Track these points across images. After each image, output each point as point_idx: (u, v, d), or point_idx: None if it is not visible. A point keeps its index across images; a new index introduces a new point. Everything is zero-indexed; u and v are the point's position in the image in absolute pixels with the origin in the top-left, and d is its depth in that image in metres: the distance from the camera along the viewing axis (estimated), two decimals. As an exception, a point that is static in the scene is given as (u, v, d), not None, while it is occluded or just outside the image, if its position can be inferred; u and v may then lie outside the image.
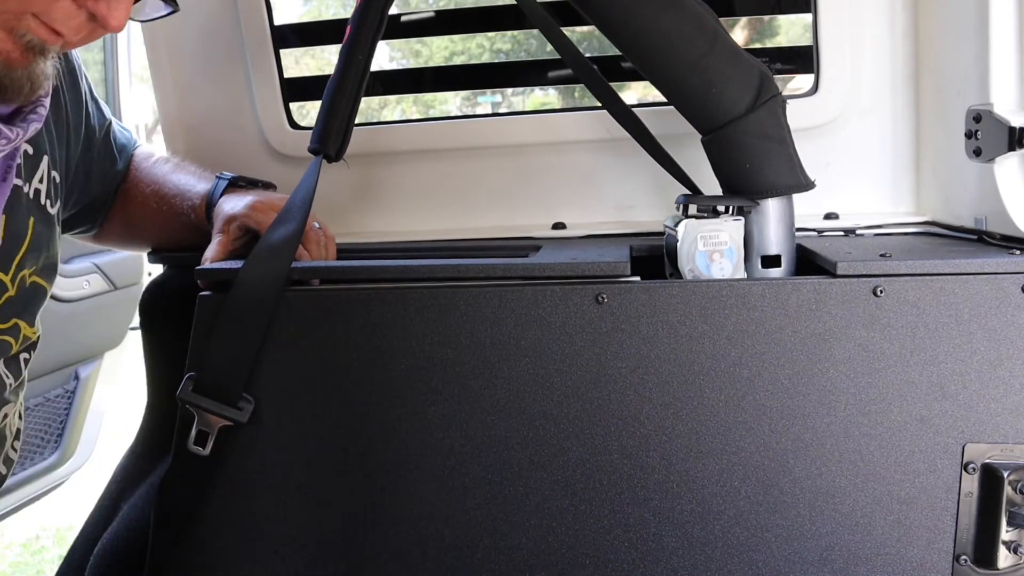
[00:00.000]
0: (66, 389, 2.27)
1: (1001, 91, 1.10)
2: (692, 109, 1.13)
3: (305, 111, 1.65)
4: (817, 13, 1.38)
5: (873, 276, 1.01)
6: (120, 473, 1.39)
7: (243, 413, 1.07)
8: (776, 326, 1.02)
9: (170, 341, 1.36)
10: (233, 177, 1.28)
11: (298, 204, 1.13)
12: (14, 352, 1.10)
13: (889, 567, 1.03)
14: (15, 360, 1.12)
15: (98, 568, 1.25)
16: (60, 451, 2.31)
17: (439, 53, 2.66)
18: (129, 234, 1.37)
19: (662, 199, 1.49)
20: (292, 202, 1.14)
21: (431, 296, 1.06)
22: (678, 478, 1.05)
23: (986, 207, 1.17)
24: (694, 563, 1.06)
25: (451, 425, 1.07)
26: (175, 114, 1.59)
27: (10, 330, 1.09)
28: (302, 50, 1.73)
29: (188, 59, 1.57)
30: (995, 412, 1.01)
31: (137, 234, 1.37)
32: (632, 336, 1.04)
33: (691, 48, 1.08)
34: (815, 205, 1.42)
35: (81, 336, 2.22)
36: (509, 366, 1.06)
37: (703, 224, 1.09)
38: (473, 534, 1.08)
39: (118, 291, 2.27)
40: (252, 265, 1.07)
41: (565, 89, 2.20)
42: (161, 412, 1.38)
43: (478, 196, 1.56)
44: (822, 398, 1.02)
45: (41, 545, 3.43)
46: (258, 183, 1.30)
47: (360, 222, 1.60)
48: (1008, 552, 1.01)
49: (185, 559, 1.13)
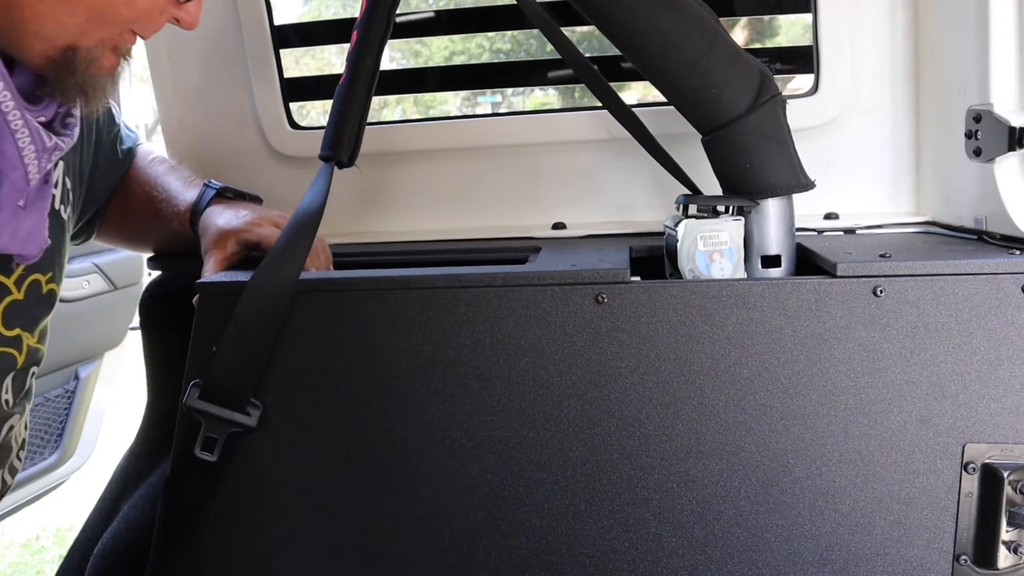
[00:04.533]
0: (66, 389, 2.27)
1: (1001, 91, 1.11)
2: (692, 109, 1.13)
3: (305, 111, 1.65)
4: (817, 13, 1.38)
5: (873, 276, 1.01)
6: (120, 473, 1.39)
7: (252, 419, 1.07)
8: (776, 326, 1.02)
9: (170, 341, 1.36)
10: (221, 187, 1.27)
11: (311, 213, 1.11)
12: (20, 366, 1.10)
13: (889, 567, 1.03)
14: (23, 374, 1.12)
15: (98, 568, 1.25)
16: (60, 451, 2.31)
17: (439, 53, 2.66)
18: (124, 232, 1.37)
19: (662, 199, 1.49)
20: (304, 210, 1.12)
21: (432, 297, 1.06)
22: (678, 478, 1.05)
23: (986, 207, 1.17)
24: (694, 563, 1.06)
25: (452, 425, 1.07)
26: (175, 114, 1.59)
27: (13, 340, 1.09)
28: (302, 50, 1.73)
29: (188, 59, 1.57)
30: (995, 412, 1.01)
31: (130, 234, 1.38)
32: (632, 336, 1.04)
33: (691, 48, 1.08)
34: (815, 205, 1.42)
35: (81, 336, 2.22)
36: (510, 366, 1.06)
37: (703, 224, 1.09)
38: (473, 534, 1.08)
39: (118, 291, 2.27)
40: (263, 273, 1.07)
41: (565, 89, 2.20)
42: (161, 412, 1.39)
43: (478, 196, 1.56)
44: (822, 398, 1.02)
45: (41, 545, 3.43)
46: (245, 195, 1.30)
47: (360, 222, 1.60)
48: (1008, 552, 1.01)
49: (188, 560, 1.13)
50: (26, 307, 1.09)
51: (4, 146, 0.96)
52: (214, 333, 1.06)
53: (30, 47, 0.96)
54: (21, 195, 0.99)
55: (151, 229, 1.33)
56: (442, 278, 1.07)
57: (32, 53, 0.97)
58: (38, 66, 0.98)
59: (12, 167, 0.97)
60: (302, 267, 1.09)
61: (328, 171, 1.16)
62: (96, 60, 0.99)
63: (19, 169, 0.97)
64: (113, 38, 1.00)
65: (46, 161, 1.01)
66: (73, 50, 0.97)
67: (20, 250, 1.02)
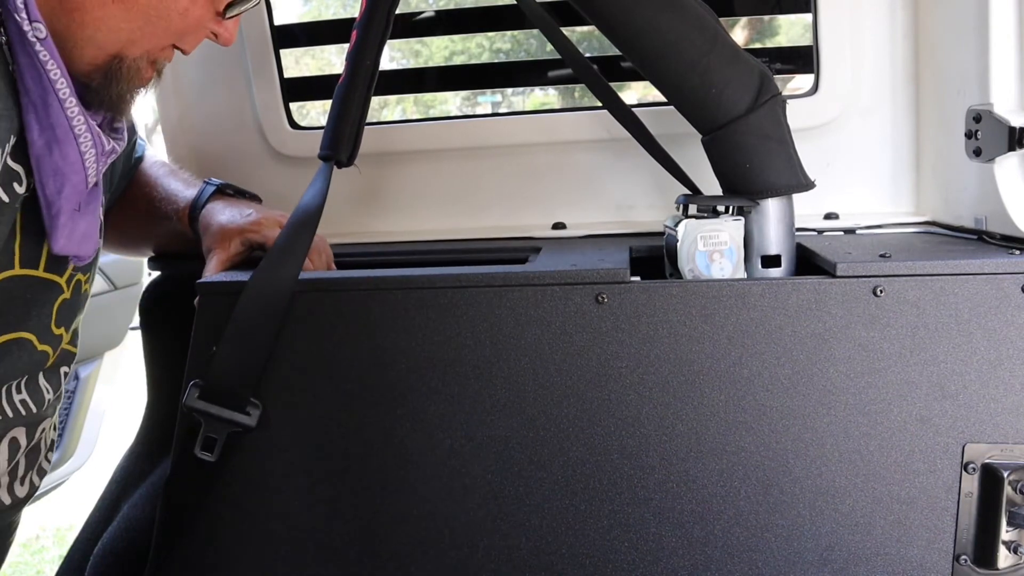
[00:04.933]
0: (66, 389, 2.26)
1: (1001, 91, 1.10)
2: (692, 109, 1.13)
3: (305, 111, 1.65)
4: (817, 13, 1.38)
5: (873, 276, 1.01)
6: (120, 473, 1.39)
7: (252, 418, 1.07)
8: (776, 326, 1.02)
9: (170, 341, 1.36)
10: (220, 184, 1.27)
11: (310, 213, 1.12)
12: (51, 364, 1.10)
13: (889, 567, 1.03)
14: (55, 373, 1.12)
15: (98, 568, 1.25)
16: (60, 451, 2.31)
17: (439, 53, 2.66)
18: (124, 236, 1.37)
19: (662, 199, 1.49)
20: (303, 210, 1.12)
21: (432, 297, 1.06)
22: (678, 478, 1.05)
23: (986, 207, 1.17)
24: (694, 563, 1.06)
25: (452, 425, 1.07)
26: (175, 114, 1.59)
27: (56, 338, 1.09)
28: (302, 50, 1.73)
29: (188, 59, 1.55)
30: (995, 412, 1.01)
31: (130, 237, 1.37)
32: (632, 336, 1.04)
33: (691, 48, 1.08)
34: (815, 205, 1.42)
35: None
36: (510, 366, 1.06)
37: (703, 224, 1.09)
38: (473, 534, 1.08)
39: (118, 291, 2.27)
40: (263, 273, 1.07)
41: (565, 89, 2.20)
42: (161, 412, 1.39)
43: (478, 196, 1.56)
44: (822, 398, 1.02)
45: (41, 545, 3.43)
46: (246, 193, 1.29)
47: (360, 222, 1.60)
48: (1008, 552, 1.01)
49: (188, 560, 1.13)
50: (71, 307, 1.11)
51: (67, 151, 0.97)
52: (214, 333, 1.06)
53: (81, 52, 0.97)
54: (80, 198, 1.00)
55: (150, 230, 1.33)
56: (442, 278, 1.07)
57: (82, 59, 0.98)
58: (83, 73, 0.99)
59: (74, 171, 0.98)
60: (301, 267, 1.08)
61: (327, 170, 1.16)
62: (139, 71, 1.01)
63: (80, 173, 0.99)
64: (156, 51, 1.02)
65: (104, 165, 1.03)
66: (120, 59, 0.99)
67: (77, 251, 1.03)
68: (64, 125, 0.95)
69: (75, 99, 0.96)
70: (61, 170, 0.97)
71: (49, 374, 1.10)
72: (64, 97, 0.94)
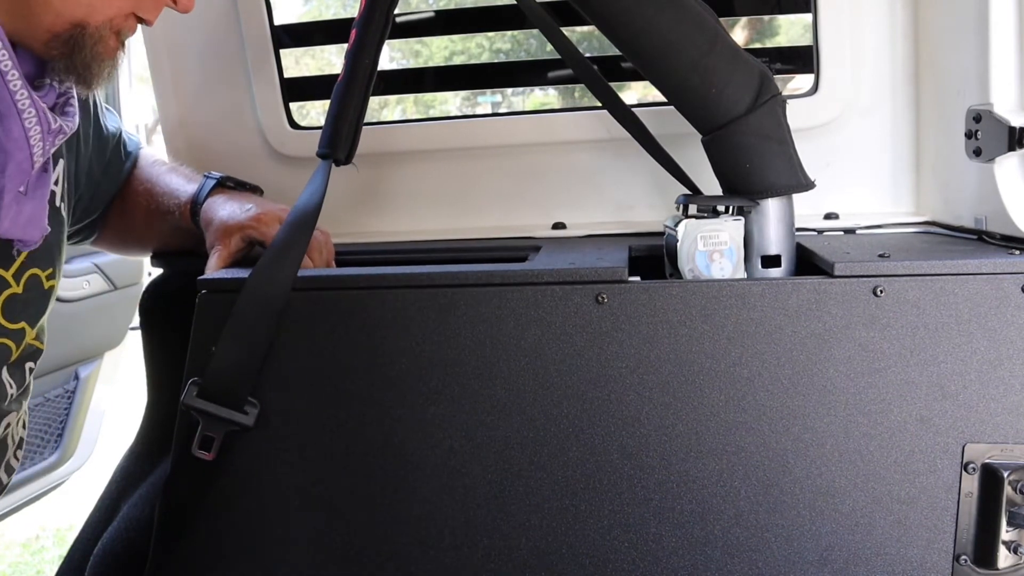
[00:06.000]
0: (66, 389, 2.27)
1: (1001, 91, 1.10)
2: (692, 109, 1.13)
3: (305, 111, 1.65)
4: (817, 13, 1.38)
5: (873, 276, 1.01)
6: (120, 473, 1.39)
7: (249, 417, 1.07)
8: (776, 326, 1.02)
9: (170, 341, 1.36)
10: (221, 177, 1.27)
11: (308, 211, 1.11)
12: (15, 359, 1.10)
13: (889, 567, 1.03)
14: (19, 368, 1.12)
15: (98, 568, 1.25)
16: (60, 451, 2.31)
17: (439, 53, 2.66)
18: (123, 236, 1.37)
19: (662, 199, 1.49)
20: (301, 208, 1.12)
21: (431, 297, 1.06)
22: (678, 478, 1.05)
23: (986, 207, 1.17)
24: (694, 563, 1.06)
25: (452, 425, 1.07)
26: (175, 114, 1.59)
27: (14, 333, 1.08)
28: (302, 50, 1.73)
29: (188, 59, 1.57)
30: (995, 412, 1.01)
31: (131, 236, 1.37)
32: (632, 336, 1.04)
33: (691, 48, 1.08)
34: (815, 205, 1.42)
35: (81, 336, 2.22)
36: (509, 366, 1.06)
37: (703, 224, 1.09)
38: (473, 534, 1.08)
39: (118, 291, 2.27)
40: (261, 272, 1.07)
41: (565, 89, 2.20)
42: (161, 412, 1.38)
43: (478, 196, 1.56)
44: (822, 398, 1.02)
45: (41, 545, 3.43)
46: (246, 185, 1.29)
47: (360, 222, 1.60)
48: (1008, 552, 1.01)
49: (188, 560, 1.13)
50: (27, 302, 1.09)
51: (10, 126, 0.95)
52: (214, 331, 1.06)
53: (39, 20, 0.95)
54: (25, 178, 0.99)
55: (152, 228, 1.33)
56: (441, 276, 1.07)
57: (40, 27, 0.96)
58: (43, 42, 0.97)
59: (18, 148, 0.96)
60: (299, 265, 1.08)
61: (326, 168, 1.16)
62: (103, 39, 1.00)
63: (24, 150, 0.96)
64: (119, 21, 1.01)
65: (50, 144, 1.00)
66: (82, 27, 0.97)
67: (21, 235, 1.02)
68: (7, 99, 0.93)
69: (18, 72, 0.94)
70: (4, 146, 0.95)
71: (12, 369, 1.09)
72: (6, 70, 0.92)
